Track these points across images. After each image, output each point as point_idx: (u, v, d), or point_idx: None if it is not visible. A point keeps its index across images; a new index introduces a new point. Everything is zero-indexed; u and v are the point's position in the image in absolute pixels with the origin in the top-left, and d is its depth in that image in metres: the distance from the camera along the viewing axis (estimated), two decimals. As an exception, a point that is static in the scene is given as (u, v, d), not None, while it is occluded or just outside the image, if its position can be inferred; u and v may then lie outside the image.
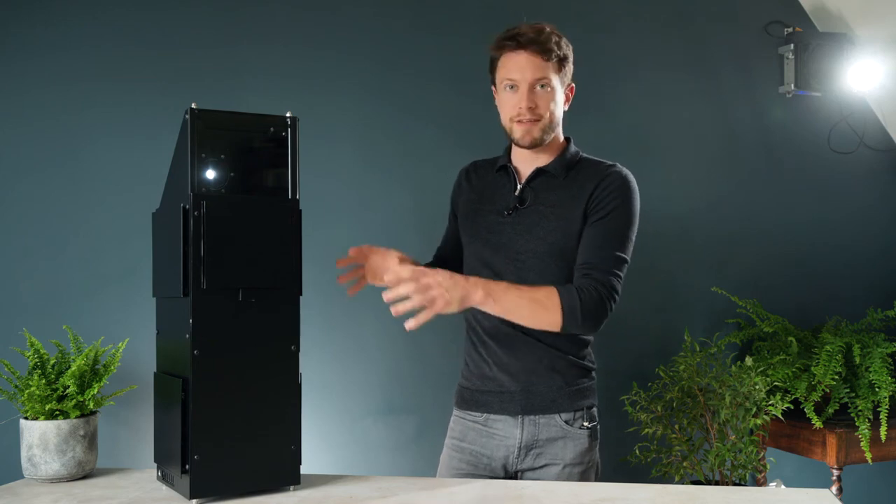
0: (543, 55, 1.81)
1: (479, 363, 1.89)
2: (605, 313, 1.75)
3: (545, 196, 1.86)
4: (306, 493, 1.50)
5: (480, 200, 1.94)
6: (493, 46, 1.86)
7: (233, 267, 1.44)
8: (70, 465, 1.59)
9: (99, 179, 2.52)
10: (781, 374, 2.73)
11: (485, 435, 1.88)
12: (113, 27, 2.54)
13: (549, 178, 1.87)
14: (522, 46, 1.80)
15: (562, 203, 1.83)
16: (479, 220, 1.92)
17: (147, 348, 1.75)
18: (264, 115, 1.51)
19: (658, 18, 3.14)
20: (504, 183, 1.92)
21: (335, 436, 2.69)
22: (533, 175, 1.88)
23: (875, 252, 3.40)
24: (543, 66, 1.81)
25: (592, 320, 1.74)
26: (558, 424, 1.84)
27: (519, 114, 1.82)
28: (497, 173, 1.95)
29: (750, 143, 3.24)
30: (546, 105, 1.83)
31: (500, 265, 1.85)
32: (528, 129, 1.83)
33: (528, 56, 1.81)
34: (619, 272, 1.78)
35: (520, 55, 1.81)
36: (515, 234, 1.85)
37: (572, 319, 1.72)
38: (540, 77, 1.81)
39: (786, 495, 1.52)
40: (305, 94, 2.69)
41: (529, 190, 1.87)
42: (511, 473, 1.88)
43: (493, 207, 1.90)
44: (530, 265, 1.83)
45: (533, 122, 1.83)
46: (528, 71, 1.80)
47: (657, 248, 3.10)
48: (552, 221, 1.82)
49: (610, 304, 1.75)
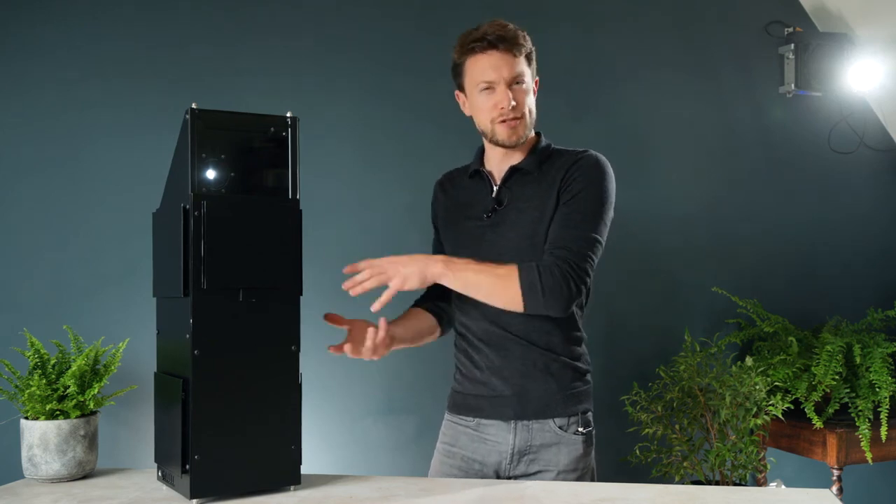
0: (514, 52, 1.78)
1: (470, 367, 1.86)
2: (568, 292, 1.68)
3: (521, 192, 1.83)
4: (306, 493, 1.50)
5: (457, 209, 1.92)
6: (459, 51, 1.82)
7: (233, 267, 1.44)
8: (70, 465, 1.59)
9: (99, 179, 2.52)
10: (782, 374, 2.73)
11: (476, 440, 1.84)
12: (113, 27, 2.55)
13: (524, 175, 1.84)
14: (493, 46, 1.77)
15: (537, 196, 1.81)
16: (459, 229, 1.89)
17: (147, 348, 1.75)
18: (264, 115, 1.51)
19: (658, 18, 3.14)
20: (480, 188, 1.89)
21: (335, 436, 2.69)
22: (508, 174, 1.85)
23: (875, 252, 3.40)
24: (518, 63, 1.78)
25: (555, 299, 1.68)
26: (552, 430, 1.79)
27: (502, 113, 1.79)
28: (471, 179, 1.92)
29: (750, 143, 3.24)
30: (525, 101, 1.80)
31: None
32: (514, 128, 1.80)
33: (500, 55, 1.77)
34: (589, 252, 1.72)
35: (492, 55, 1.78)
36: (496, 237, 1.82)
37: (532, 296, 1.68)
38: (516, 74, 1.78)
39: (786, 495, 1.52)
40: (305, 94, 2.69)
41: (506, 190, 1.84)
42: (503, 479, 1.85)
43: (472, 213, 1.87)
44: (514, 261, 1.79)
45: (517, 119, 1.80)
46: (505, 69, 1.77)
47: (657, 249, 3.10)
48: (529, 214, 1.79)
49: (575, 283, 1.69)
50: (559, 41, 2.98)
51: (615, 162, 1.95)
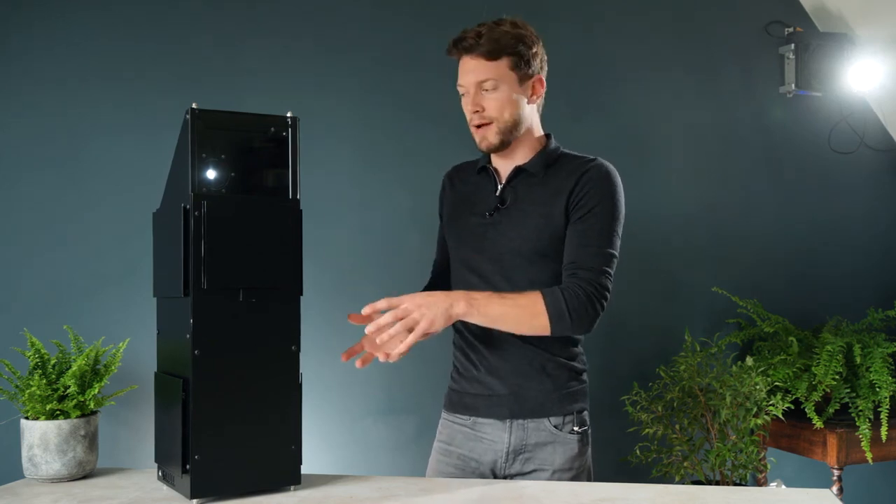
0: (488, 56, 1.74)
1: (467, 366, 1.86)
2: (594, 312, 1.71)
3: (525, 194, 1.82)
4: (306, 493, 1.50)
5: (463, 204, 1.91)
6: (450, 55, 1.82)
7: (233, 267, 1.44)
8: (70, 465, 1.59)
9: (99, 179, 2.52)
10: (782, 374, 2.73)
11: (472, 438, 1.85)
12: (113, 27, 2.54)
13: (529, 177, 1.83)
14: (465, 51, 1.76)
15: (543, 201, 1.79)
16: (462, 224, 1.89)
17: (148, 348, 1.75)
18: (265, 115, 1.51)
19: (658, 18, 3.14)
20: (485, 184, 1.89)
21: (335, 436, 2.69)
22: (513, 174, 1.84)
23: (876, 252, 3.40)
24: (488, 67, 1.74)
25: (581, 321, 1.70)
26: (547, 429, 1.79)
27: (471, 119, 1.79)
28: (478, 175, 1.91)
29: (750, 143, 3.24)
30: (495, 106, 1.76)
31: (484, 267, 1.82)
32: (483, 134, 1.78)
33: (470, 60, 1.76)
34: (607, 269, 1.74)
35: (465, 61, 1.77)
36: (498, 235, 1.81)
37: (560, 323, 1.69)
38: (483, 79, 1.75)
39: (786, 495, 1.52)
40: (305, 94, 2.69)
41: (510, 190, 1.83)
42: (499, 478, 1.84)
43: (476, 209, 1.87)
44: (515, 265, 1.79)
45: (485, 125, 1.77)
46: (471, 74, 1.75)
47: (657, 249, 3.10)
48: (534, 220, 1.78)
49: (599, 303, 1.71)
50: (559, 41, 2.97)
51: (615, 162, 1.95)
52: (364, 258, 2.75)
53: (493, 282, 1.79)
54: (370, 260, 2.74)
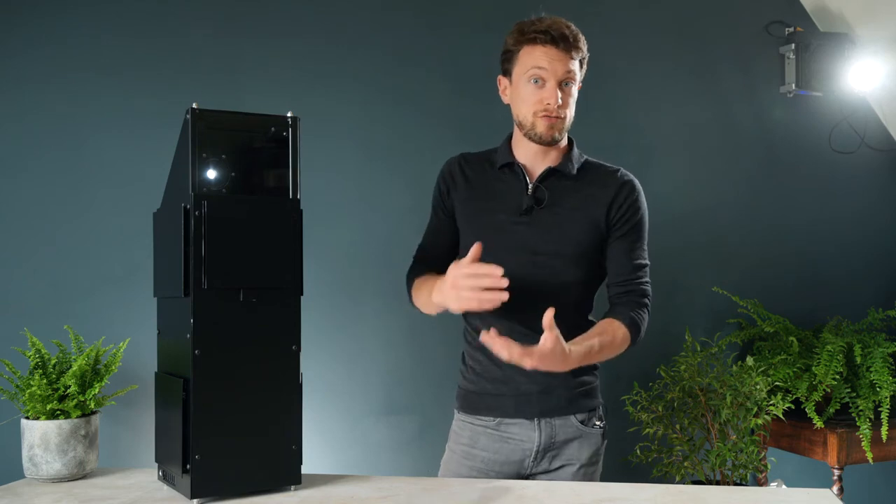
0: (572, 53, 1.79)
1: (488, 366, 1.84)
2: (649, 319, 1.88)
3: (559, 196, 1.82)
4: (307, 493, 1.50)
5: (485, 198, 1.86)
6: (517, 37, 1.80)
7: (234, 267, 1.44)
8: (71, 465, 1.59)
9: (99, 179, 2.52)
10: (782, 374, 2.73)
11: (498, 440, 1.84)
12: (113, 27, 2.54)
13: (562, 179, 1.84)
14: (554, 42, 1.77)
15: (581, 206, 1.82)
16: (485, 220, 1.85)
17: (148, 348, 1.75)
18: (265, 115, 1.51)
19: (658, 19, 3.14)
20: (511, 181, 1.86)
21: (336, 436, 2.69)
22: (545, 174, 1.83)
23: (876, 252, 3.40)
24: (571, 64, 1.79)
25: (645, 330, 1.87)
26: (574, 425, 1.83)
27: (546, 109, 1.78)
28: (500, 170, 1.88)
29: (751, 143, 3.24)
30: (569, 103, 1.82)
31: (513, 266, 1.71)
32: (553, 125, 1.79)
33: (558, 52, 1.77)
34: (649, 279, 1.90)
35: (550, 50, 1.77)
36: (532, 235, 1.80)
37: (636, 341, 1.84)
38: (568, 75, 1.79)
39: (787, 495, 1.52)
40: (306, 94, 2.69)
41: (543, 190, 1.83)
42: (524, 477, 1.85)
43: (503, 206, 1.83)
44: (549, 266, 1.79)
45: (559, 118, 1.80)
46: (559, 67, 1.77)
47: (658, 248, 3.07)
48: (577, 224, 1.81)
49: (650, 311, 1.87)
50: (560, 41, 2.97)
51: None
52: (364, 258, 2.75)
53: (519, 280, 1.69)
54: (371, 260, 2.74)
